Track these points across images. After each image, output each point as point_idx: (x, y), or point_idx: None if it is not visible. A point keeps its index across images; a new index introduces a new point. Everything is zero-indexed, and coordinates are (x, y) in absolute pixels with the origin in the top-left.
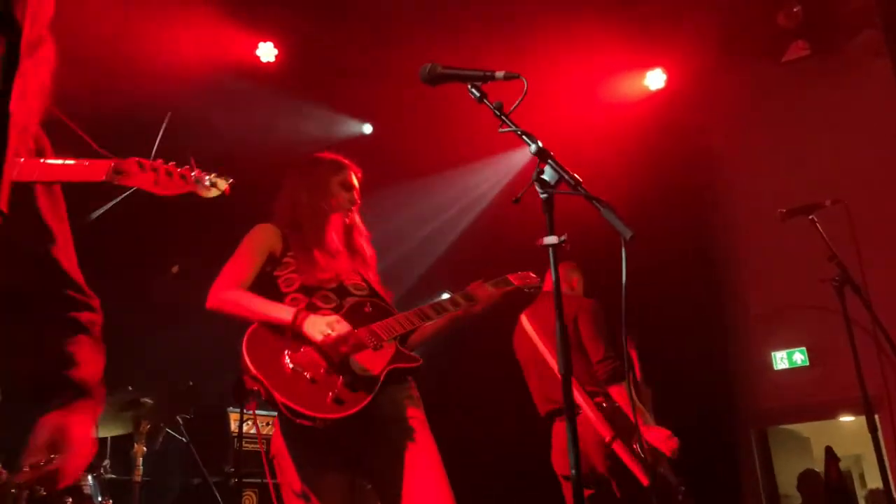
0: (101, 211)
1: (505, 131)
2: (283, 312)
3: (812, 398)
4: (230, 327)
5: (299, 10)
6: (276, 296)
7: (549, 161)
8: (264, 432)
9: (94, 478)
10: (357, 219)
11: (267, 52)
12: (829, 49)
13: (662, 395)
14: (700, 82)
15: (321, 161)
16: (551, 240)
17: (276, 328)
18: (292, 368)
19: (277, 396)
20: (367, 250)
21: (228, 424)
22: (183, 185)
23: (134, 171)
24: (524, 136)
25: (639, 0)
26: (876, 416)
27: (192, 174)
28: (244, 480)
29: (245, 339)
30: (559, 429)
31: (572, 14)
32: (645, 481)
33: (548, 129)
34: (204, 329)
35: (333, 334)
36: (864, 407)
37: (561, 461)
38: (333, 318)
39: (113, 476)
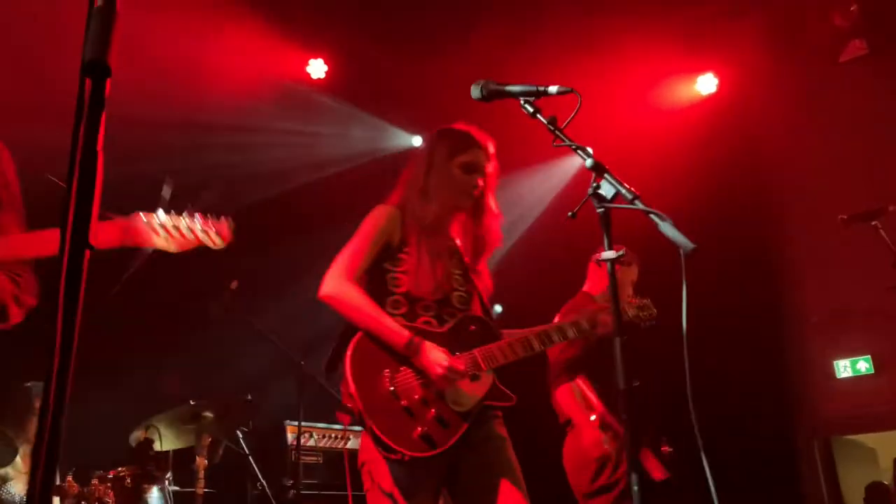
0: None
1: (559, 146)
2: (396, 334)
3: (878, 408)
4: (289, 340)
5: (347, 25)
6: (380, 291)
7: (606, 175)
8: (321, 445)
9: (159, 490)
10: (489, 205)
11: (317, 68)
12: (888, 48)
13: (724, 405)
14: (753, 85)
15: (444, 135)
16: (610, 255)
17: (380, 342)
18: (391, 391)
19: (368, 422)
20: (489, 247)
21: (286, 437)
22: (191, 241)
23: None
24: (579, 151)
25: (688, 3)
26: None
27: (198, 225)
28: (302, 492)
29: (350, 348)
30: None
31: (621, 19)
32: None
33: (600, 137)
34: (260, 345)
35: (444, 365)
36: None
37: (580, 478)
38: (444, 351)
39: (176, 488)
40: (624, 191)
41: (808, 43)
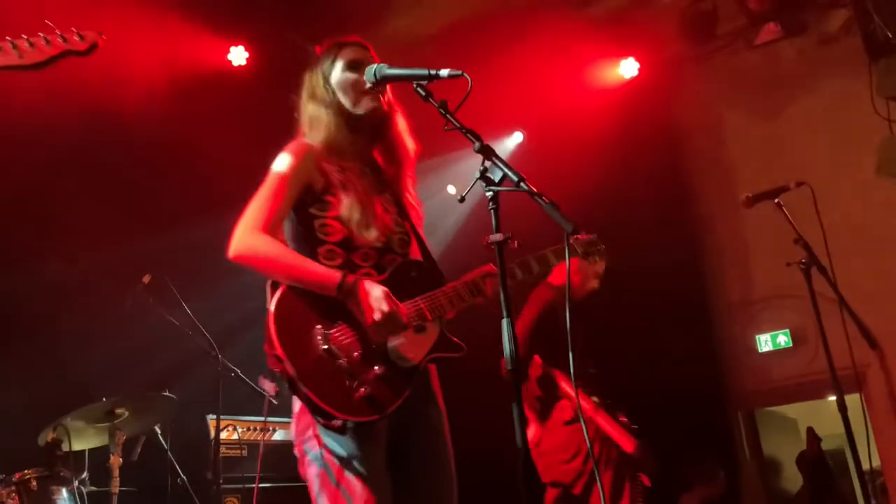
0: None
1: (449, 129)
2: (325, 277)
3: (797, 379)
4: (207, 332)
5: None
6: (309, 241)
7: (493, 158)
8: (245, 437)
9: (68, 492)
10: (394, 106)
11: (238, 55)
12: (801, 30)
13: (651, 382)
14: (671, 70)
15: (312, 62)
16: (497, 237)
17: (308, 293)
18: (325, 350)
19: (302, 387)
20: (407, 158)
21: (208, 431)
22: (48, 49)
23: None
24: (468, 134)
25: None
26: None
27: (57, 36)
28: (224, 486)
29: (273, 304)
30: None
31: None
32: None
33: (532, 117)
34: (178, 336)
35: (385, 311)
36: (835, 388)
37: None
38: (384, 290)
39: (93, 488)
40: (511, 173)
41: (723, 27)
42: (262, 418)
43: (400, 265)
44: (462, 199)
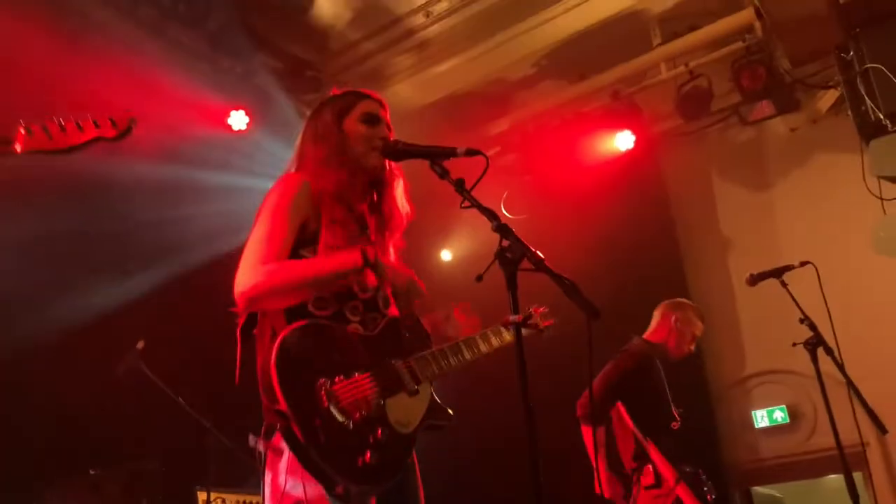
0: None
1: (467, 207)
2: (347, 257)
3: (794, 457)
4: (200, 404)
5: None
6: None
7: (511, 237)
8: None
9: None
10: (395, 171)
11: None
12: (793, 108)
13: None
14: (666, 144)
15: (328, 100)
16: (515, 318)
17: (307, 342)
18: (329, 409)
19: (307, 448)
20: (398, 224)
21: None
22: (80, 135)
23: (20, 137)
24: (485, 213)
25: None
26: (860, 475)
27: (90, 121)
28: None
29: (275, 354)
30: None
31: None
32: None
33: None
34: (171, 407)
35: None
36: (843, 466)
37: None
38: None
39: None
40: (529, 254)
41: (717, 104)
42: (253, 494)
43: (389, 323)
44: (480, 279)
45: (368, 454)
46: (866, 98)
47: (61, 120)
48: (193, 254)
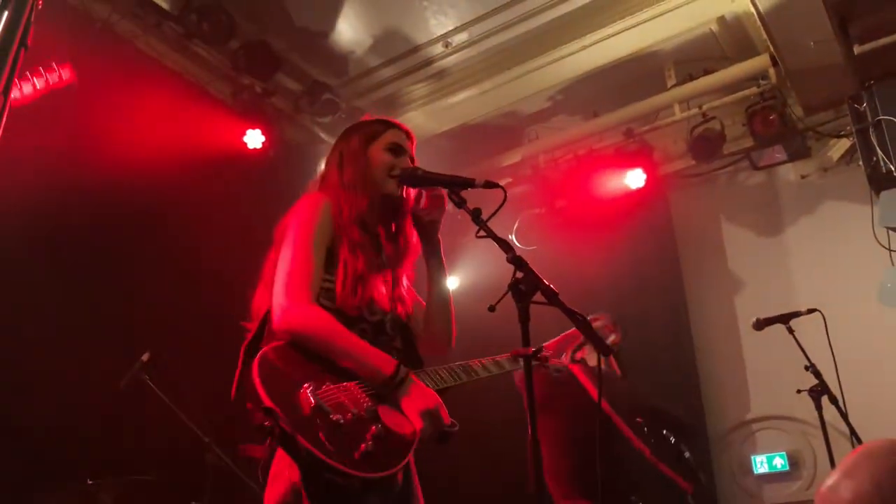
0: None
1: (482, 237)
2: (385, 359)
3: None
4: (201, 420)
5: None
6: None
7: (525, 270)
8: None
9: None
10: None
11: (254, 139)
12: (804, 156)
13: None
14: (676, 184)
15: (355, 126)
16: (523, 351)
17: (292, 355)
18: (317, 406)
19: (300, 440)
20: (412, 253)
21: None
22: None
23: None
24: (500, 244)
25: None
26: None
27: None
28: None
29: (255, 365)
30: None
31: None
32: None
33: (547, 225)
34: (173, 421)
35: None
36: None
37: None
38: (434, 395)
39: None
40: (542, 288)
41: (729, 147)
42: None
43: (398, 350)
44: (492, 309)
45: (367, 443)
46: (878, 149)
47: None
48: (204, 265)
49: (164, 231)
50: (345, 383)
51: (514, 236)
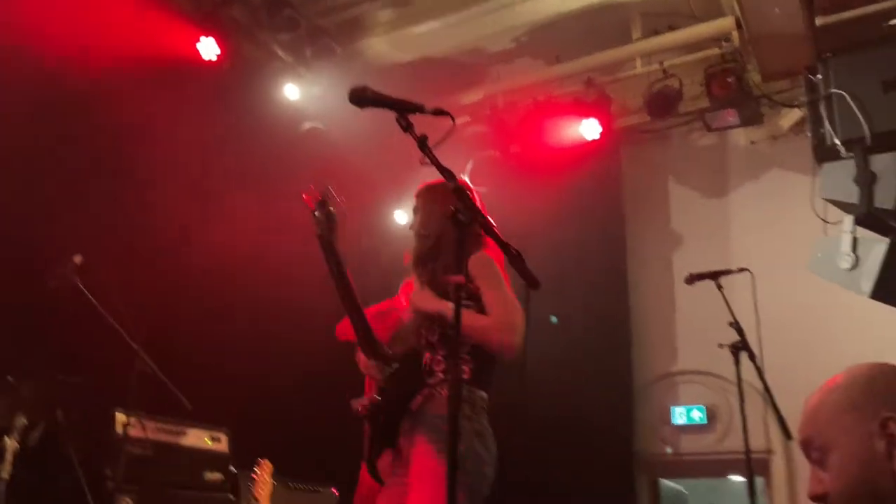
0: None
1: (426, 164)
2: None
3: (706, 456)
4: (130, 324)
5: None
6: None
7: (466, 200)
8: (154, 437)
9: None
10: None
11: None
12: (756, 122)
13: (566, 437)
14: (629, 138)
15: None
16: (458, 279)
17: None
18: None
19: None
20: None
21: (114, 426)
22: None
23: None
24: (444, 173)
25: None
26: (761, 479)
27: None
28: (123, 486)
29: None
30: None
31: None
32: None
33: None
34: (98, 323)
35: None
36: (747, 470)
37: None
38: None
39: None
40: (481, 219)
41: (685, 106)
42: (174, 420)
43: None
44: (429, 239)
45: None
46: (826, 122)
47: None
48: (143, 175)
49: (106, 132)
50: None
51: (466, 176)
